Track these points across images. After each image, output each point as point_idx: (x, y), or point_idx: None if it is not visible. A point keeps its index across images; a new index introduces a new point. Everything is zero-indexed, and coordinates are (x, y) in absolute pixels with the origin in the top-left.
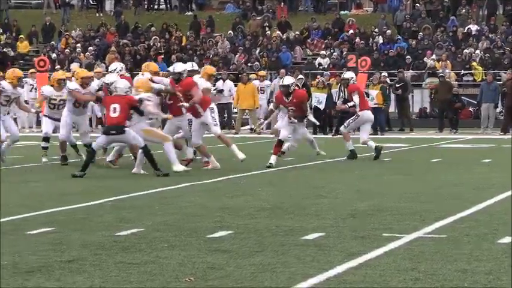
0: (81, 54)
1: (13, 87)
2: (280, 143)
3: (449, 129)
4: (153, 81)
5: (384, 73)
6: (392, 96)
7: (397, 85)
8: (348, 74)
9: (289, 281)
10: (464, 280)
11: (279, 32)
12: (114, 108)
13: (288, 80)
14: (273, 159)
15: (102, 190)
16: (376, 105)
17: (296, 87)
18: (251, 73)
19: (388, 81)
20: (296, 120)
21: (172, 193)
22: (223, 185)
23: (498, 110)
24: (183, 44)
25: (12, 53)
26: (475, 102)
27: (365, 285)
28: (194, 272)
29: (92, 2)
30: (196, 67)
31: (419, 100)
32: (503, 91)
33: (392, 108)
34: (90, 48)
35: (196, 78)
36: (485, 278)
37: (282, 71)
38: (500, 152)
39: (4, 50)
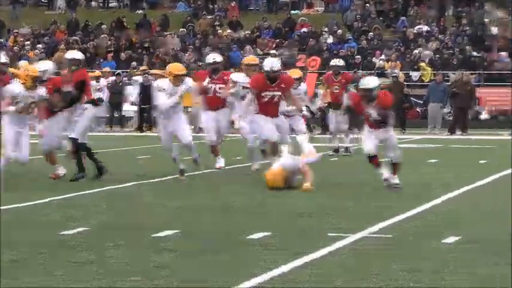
0: (30, 52)
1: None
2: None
3: (398, 129)
4: None
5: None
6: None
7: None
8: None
9: (234, 280)
10: (409, 279)
11: (230, 31)
12: None
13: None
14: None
15: (49, 188)
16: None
17: None
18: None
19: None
20: None
21: (120, 192)
22: (170, 184)
23: (446, 110)
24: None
25: None
26: (421, 102)
27: (310, 284)
28: (140, 272)
29: (43, 0)
30: None
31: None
32: (452, 92)
33: None
34: (39, 46)
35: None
36: (431, 277)
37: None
38: (447, 152)
39: None
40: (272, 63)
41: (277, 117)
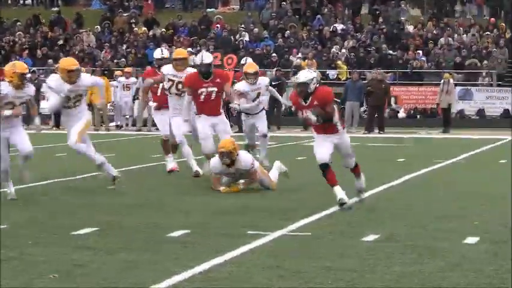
0: None
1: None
2: None
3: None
4: None
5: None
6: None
7: (273, 83)
8: None
9: (154, 278)
10: (328, 277)
11: (145, 29)
12: None
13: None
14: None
15: None
16: None
17: None
18: (117, 69)
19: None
20: None
21: (38, 189)
22: (90, 182)
23: (362, 108)
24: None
25: None
26: (339, 101)
27: (230, 282)
28: (59, 269)
29: None
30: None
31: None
32: (367, 90)
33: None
34: None
35: None
36: (349, 275)
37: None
38: (364, 150)
39: None
40: (202, 55)
41: (217, 115)
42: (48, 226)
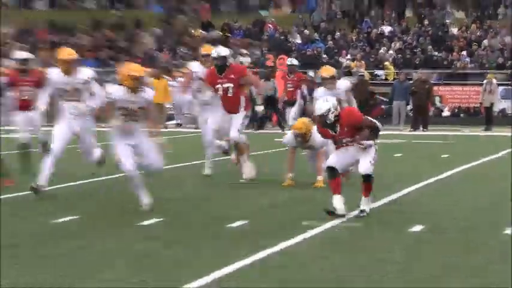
0: None
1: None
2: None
3: None
4: None
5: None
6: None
7: None
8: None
9: (214, 265)
10: (379, 268)
11: (201, 31)
12: None
13: None
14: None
15: None
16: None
17: None
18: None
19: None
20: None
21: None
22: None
23: (409, 107)
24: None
25: None
26: (387, 100)
27: (284, 271)
28: (125, 259)
29: None
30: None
31: None
32: (412, 90)
33: None
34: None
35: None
36: (397, 266)
37: None
38: (410, 146)
39: None
40: (216, 50)
41: (236, 113)
42: (114, 218)
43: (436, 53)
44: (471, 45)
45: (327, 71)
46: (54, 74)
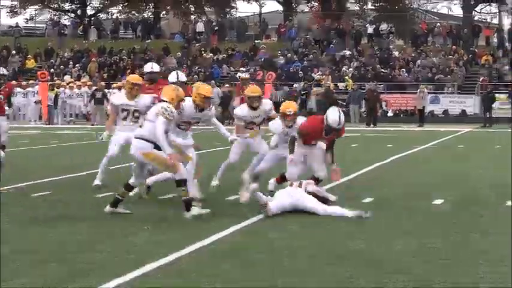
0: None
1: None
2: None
3: None
4: None
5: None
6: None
7: (302, 92)
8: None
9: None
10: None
11: (211, 54)
12: None
13: None
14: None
15: None
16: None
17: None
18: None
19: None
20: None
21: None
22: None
23: (362, 109)
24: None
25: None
26: (345, 104)
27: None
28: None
29: (80, 32)
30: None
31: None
32: (364, 97)
33: None
34: (77, 65)
35: None
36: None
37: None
38: (363, 139)
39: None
40: (178, 73)
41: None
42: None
43: (382, 70)
44: (408, 64)
45: (254, 90)
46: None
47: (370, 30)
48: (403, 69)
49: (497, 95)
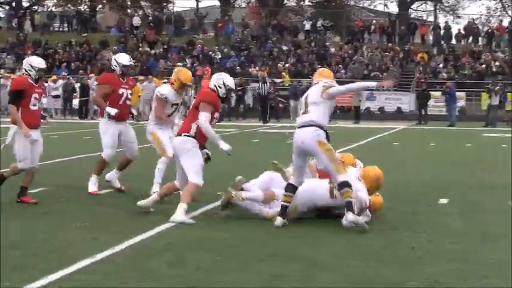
0: None
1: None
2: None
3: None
4: None
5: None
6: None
7: (238, 88)
8: None
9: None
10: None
11: (147, 49)
12: None
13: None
14: None
15: None
16: None
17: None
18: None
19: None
20: None
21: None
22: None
23: None
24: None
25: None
26: (285, 101)
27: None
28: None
29: (14, 25)
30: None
31: (246, 98)
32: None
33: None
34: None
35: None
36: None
37: (150, 76)
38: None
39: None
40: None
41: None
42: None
43: (319, 66)
44: (344, 60)
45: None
46: None
47: (307, 26)
48: (340, 66)
49: (432, 92)
